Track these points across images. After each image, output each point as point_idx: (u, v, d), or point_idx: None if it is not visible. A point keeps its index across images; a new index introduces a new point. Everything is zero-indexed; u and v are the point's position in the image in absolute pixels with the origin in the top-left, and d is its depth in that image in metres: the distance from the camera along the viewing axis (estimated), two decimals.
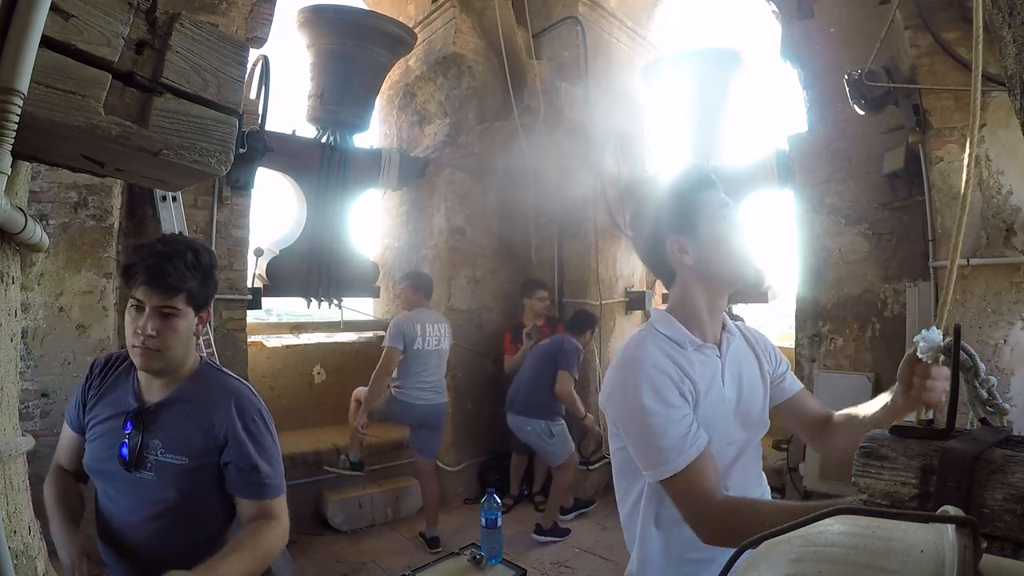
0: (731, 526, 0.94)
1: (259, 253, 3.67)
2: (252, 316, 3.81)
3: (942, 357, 0.86)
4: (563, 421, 3.72)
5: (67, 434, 1.32)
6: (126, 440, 1.22)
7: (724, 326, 1.17)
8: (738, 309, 4.38)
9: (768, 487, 1.22)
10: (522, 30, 4.53)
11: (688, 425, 0.99)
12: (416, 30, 4.36)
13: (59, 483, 1.32)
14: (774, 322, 5.26)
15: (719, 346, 1.13)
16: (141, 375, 1.27)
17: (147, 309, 1.18)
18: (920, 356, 0.89)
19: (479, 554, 2.22)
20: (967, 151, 0.91)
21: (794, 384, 1.24)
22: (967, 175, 0.90)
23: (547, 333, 4.09)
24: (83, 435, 1.29)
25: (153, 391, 1.27)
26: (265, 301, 3.80)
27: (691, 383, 1.04)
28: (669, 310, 1.15)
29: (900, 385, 0.99)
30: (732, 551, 0.49)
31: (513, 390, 3.82)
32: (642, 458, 1.02)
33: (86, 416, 1.28)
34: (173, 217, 2.99)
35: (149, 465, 1.22)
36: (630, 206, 1.23)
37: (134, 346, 1.19)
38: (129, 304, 1.22)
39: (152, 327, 1.17)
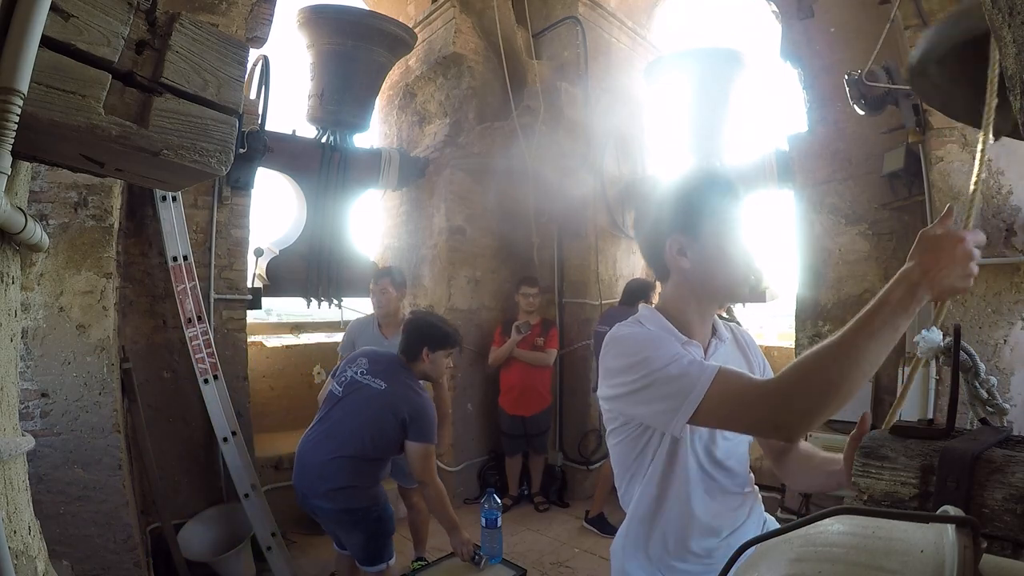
0: (791, 387, 0.84)
1: (259, 253, 3.67)
2: (252, 316, 3.81)
3: (942, 357, 0.86)
4: None
5: None
6: None
7: (715, 330, 1.15)
8: (737, 308, 4.37)
9: (756, 488, 1.20)
10: (522, 30, 4.53)
11: (695, 358, 0.96)
12: (416, 30, 4.36)
13: None
14: (774, 322, 5.25)
15: (705, 349, 1.11)
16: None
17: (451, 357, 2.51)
18: (920, 356, 0.89)
19: (479, 554, 2.22)
20: None
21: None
22: None
23: (539, 332, 4.08)
24: None
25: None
26: (265, 301, 3.80)
27: None
28: (658, 307, 1.13)
29: (846, 467, 0.94)
30: (725, 558, 0.49)
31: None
32: (663, 408, 0.93)
33: None
34: (173, 217, 2.99)
35: None
36: (639, 197, 1.22)
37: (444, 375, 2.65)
38: (445, 354, 2.45)
39: None
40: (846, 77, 2.62)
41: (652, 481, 1.08)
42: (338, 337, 4.81)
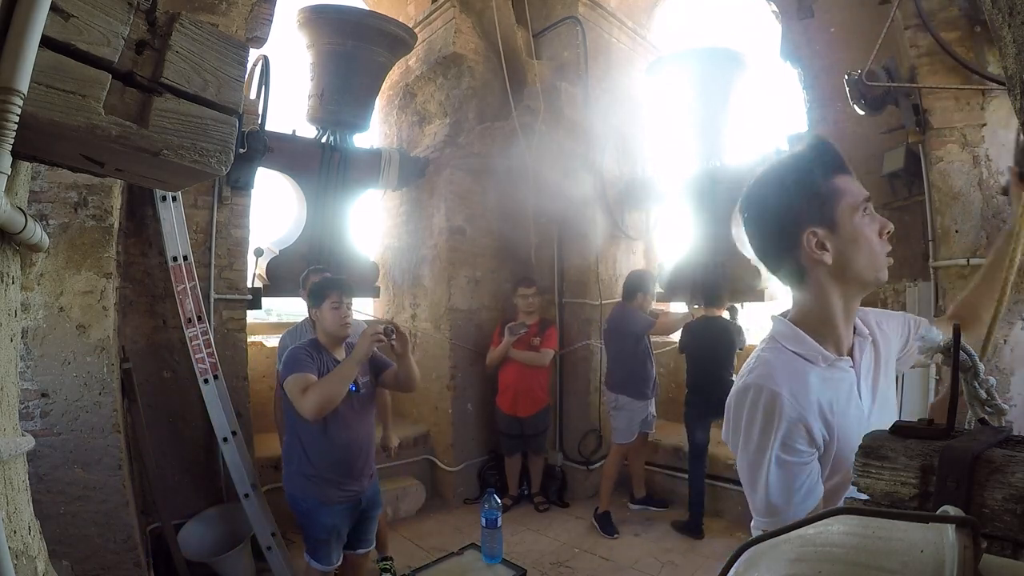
0: None
1: (259, 253, 3.67)
2: (252, 316, 3.81)
3: (942, 357, 0.85)
4: (628, 399, 3.82)
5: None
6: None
7: (856, 329, 1.03)
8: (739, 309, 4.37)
9: None
10: (522, 30, 4.53)
11: (805, 478, 0.89)
12: (416, 30, 4.36)
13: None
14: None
15: (852, 354, 1.01)
16: (328, 349, 2.37)
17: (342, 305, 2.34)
18: (920, 355, 0.89)
19: (389, 328, 2.32)
20: None
21: (932, 332, 1.16)
22: None
23: (536, 332, 4.09)
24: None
25: (339, 352, 2.39)
26: (265, 301, 3.80)
27: (824, 411, 0.92)
28: (796, 320, 1.01)
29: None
30: None
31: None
32: (751, 500, 0.95)
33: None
34: (173, 217, 2.99)
35: (361, 387, 2.37)
36: (745, 190, 1.01)
37: (343, 325, 2.35)
38: (331, 304, 2.32)
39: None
40: (846, 77, 2.62)
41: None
42: None
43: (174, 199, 3.00)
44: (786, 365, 0.95)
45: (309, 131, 4.04)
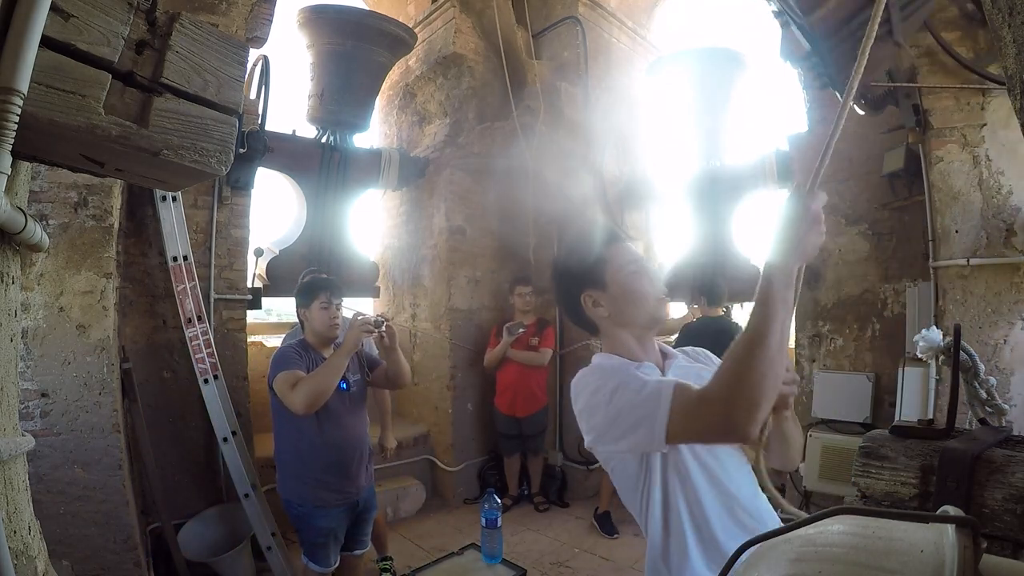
0: (729, 388, 0.89)
1: (259, 253, 3.67)
2: (252, 316, 3.81)
3: (942, 357, 0.85)
4: None
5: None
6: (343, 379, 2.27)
7: (664, 354, 1.23)
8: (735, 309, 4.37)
9: (759, 488, 1.15)
10: (522, 30, 4.53)
11: (655, 379, 1.03)
12: (416, 30, 4.36)
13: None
14: None
15: (661, 368, 1.18)
16: (317, 349, 2.35)
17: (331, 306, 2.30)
18: (920, 356, 0.89)
19: (379, 319, 2.32)
20: None
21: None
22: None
23: (534, 332, 4.08)
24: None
25: (327, 352, 2.35)
26: (265, 301, 3.80)
27: None
28: (606, 352, 1.22)
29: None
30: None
31: None
32: (638, 438, 1.00)
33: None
34: (173, 217, 2.99)
35: (352, 386, 2.35)
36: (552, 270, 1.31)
37: (332, 326, 2.31)
38: (320, 305, 2.29)
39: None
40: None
41: (659, 503, 1.09)
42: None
43: (174, 199, 3.00)
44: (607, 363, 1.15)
45: (309, 131, 4.04)
